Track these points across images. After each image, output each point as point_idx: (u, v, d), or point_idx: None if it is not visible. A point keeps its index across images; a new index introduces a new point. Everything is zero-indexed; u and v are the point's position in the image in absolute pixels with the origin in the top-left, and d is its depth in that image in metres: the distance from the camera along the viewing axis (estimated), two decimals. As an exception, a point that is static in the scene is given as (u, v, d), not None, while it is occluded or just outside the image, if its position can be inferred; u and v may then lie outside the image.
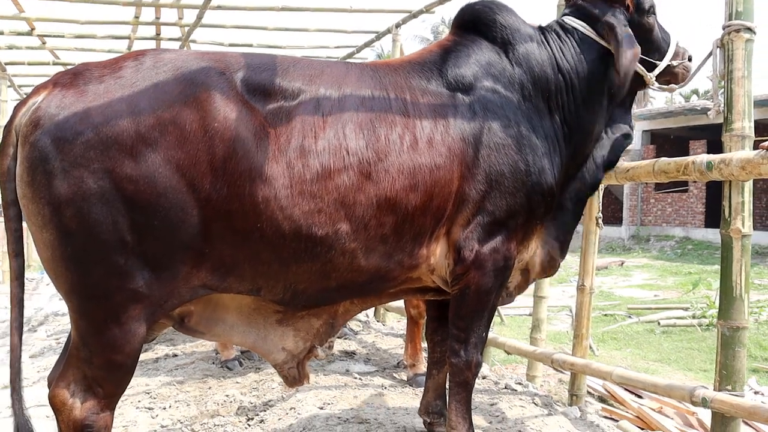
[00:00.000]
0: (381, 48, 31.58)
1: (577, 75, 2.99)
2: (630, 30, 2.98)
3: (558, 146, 2.93)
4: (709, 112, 3.22)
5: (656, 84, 3.18)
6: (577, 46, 3.03)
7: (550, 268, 3.14)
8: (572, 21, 3.09)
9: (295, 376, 2.85)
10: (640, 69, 3.09)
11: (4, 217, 2.31)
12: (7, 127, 2.27)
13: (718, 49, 3.21)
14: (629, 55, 2.87)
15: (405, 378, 4.72)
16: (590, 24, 3.05)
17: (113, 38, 9.37)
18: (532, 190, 2.77)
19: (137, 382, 4.59)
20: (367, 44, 9.37)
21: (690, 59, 3.29)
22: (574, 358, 4.38)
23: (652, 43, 3.17)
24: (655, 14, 3.16)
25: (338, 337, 6.08)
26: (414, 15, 7.73)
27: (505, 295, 3.14)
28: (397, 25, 7.87)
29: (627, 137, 3.22)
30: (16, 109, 2.29)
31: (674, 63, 3.21)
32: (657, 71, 3.16)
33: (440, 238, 2.71)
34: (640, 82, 3.18)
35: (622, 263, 18.90)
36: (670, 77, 3.24)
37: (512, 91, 2.84)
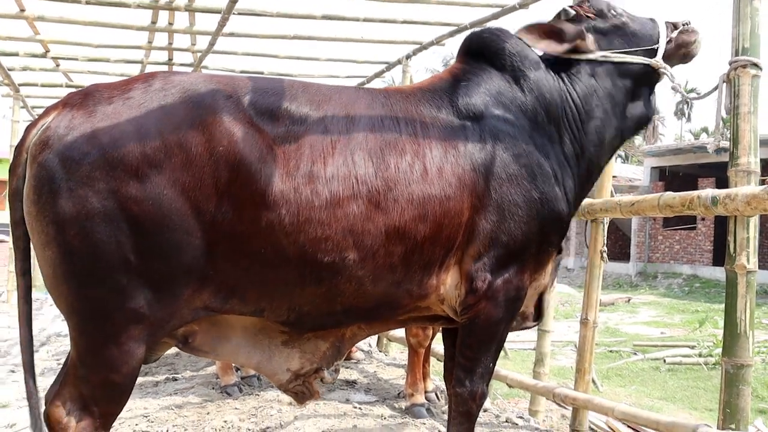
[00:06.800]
0: (392, 78, 31.77)
1: (578, 95, 2.97)
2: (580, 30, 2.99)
3: (570, 170, 2.91)
4: (708, 146, 3.22)
5: (667, 67, 3.07)
6: (573, 65, 3.00)
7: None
8: None
9: (303, 392, 2.81)
10: (639, 59, 3.02)
11: (13, 236, 2.33)
12: (18, 148, 2.29)
13: (724, 84, 3.22)
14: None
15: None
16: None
17: (126, 62, 9.47)
18: (547, 219, 2.74)
19: (136, 405, 4.56)
20: (378, 74, 9.43)
21: (688, 23, 3.17)
22: (576, 393, 4.33)
23: (636, 35, 3.08)
24: (617, 11, 3.09)
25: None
26: (424, 47, 7.80)
27: (522, 320, 3.07)
28: (408, 57, 7.94)
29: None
30: (27, 129, 2.31)
31: (673, 35, 3.12)
32: (660, 53, 3.06)
33: (450, 269, 2.68)
34: (650, 73, 3.08)
35: (629, 300, 18.80)
36: (683, 49, 3.14)
37: (524, 119, 2.81)
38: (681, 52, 3.15)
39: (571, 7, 3.06)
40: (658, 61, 3.05)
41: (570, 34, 2.96)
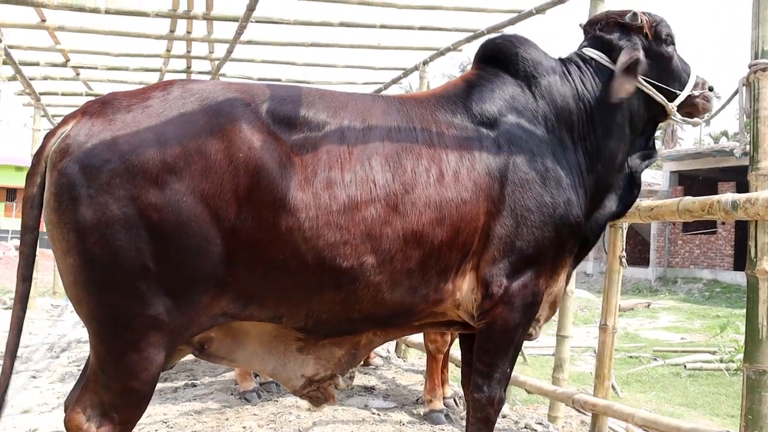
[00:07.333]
0: (409, 84, 31.81)
1: (598, 105, 2.98)
2: (642, 54, 2.98)
3: (582, 178, 2.92)
4: (734, 150, 3.19)
5: (678, 115, 3.13)
6: (596, 77, 3.02)
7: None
8: (590, 51, 3.09)
9: (319, 397, 2.82)
10: (660, 98, 3.06)
11: (21, 242, 2.34)
12: (37, 156, 2.30)
13: (744, 87, 3.20)
14: (624, 59, 2.90)
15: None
16: (607, 53, 3.05)
17: (145, 71, 9.55)
18: (560, 223, 2.75)
19: (155, 411, 4.58)
20: (395, 81, 9.45)
21: (711, 89, 3.23)
22: (596, 399, 4.30)
23: (671, 73, 3.13)
24: (673, 44, 3.13)
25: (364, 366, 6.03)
26: (441, 53, 7.81)
27: (532, 329, 3.07)
28: (425, 62, 7.96)
29: (649, 157, 3.19)
30: (46, 138, 2.32)
31: (695, 93, 3.16)
32: (678, 101, 3.10)
33: (467, 274, 2.69)
34: (661, 113, 3.14)
35: (649, 305, 18.66)
36: (692, 109, 3.19)
37: (536, 125, 2.84)
38: (688, 110, 3.20)
39: (641, 14, 3.05)
40: (674, 107, 3.10)
41: (641, 66, 2.97)
